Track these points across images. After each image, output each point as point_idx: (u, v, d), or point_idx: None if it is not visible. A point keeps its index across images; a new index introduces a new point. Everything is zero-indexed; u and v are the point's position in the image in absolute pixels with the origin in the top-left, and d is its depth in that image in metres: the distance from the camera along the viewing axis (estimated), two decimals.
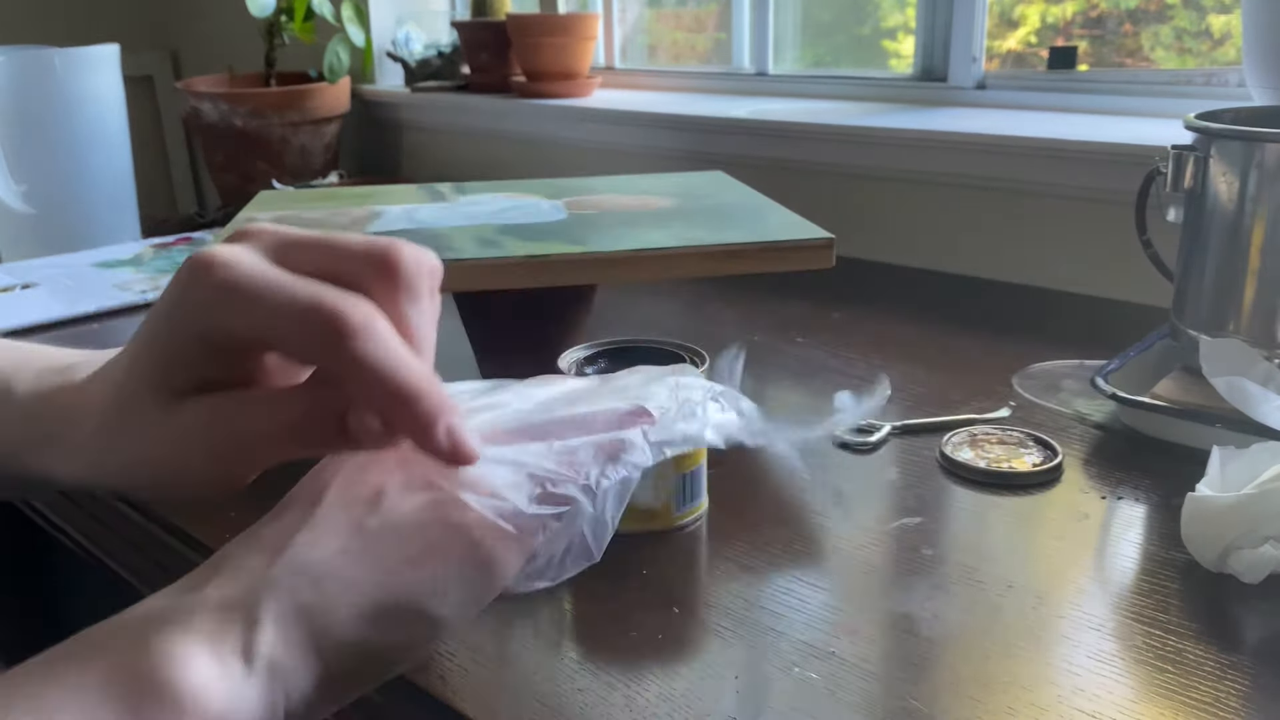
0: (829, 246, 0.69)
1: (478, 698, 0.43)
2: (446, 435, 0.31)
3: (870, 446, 0.64)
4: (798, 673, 0.43)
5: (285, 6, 1.56)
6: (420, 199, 0.85)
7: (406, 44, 1.68)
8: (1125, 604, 0.48)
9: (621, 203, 0.82)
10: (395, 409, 0.31)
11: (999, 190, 1.03)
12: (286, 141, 1.54)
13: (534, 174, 1.42)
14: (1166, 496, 0.57)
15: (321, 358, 0.32)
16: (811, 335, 0.85)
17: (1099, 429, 0.66)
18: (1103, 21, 1.16)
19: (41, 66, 1.31)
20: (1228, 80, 1.02)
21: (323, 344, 0.30)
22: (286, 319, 0.31)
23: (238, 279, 0.31)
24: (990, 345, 0.81)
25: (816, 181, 1.17)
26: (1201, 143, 0.64)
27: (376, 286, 0.32)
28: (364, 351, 0.30)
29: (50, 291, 1.03)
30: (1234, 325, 0.64)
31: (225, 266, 0.31)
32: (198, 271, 0.32)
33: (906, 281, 1.04)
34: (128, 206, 1.44)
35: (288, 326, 0.31)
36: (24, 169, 1.32)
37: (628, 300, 0.96)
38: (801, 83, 1.36)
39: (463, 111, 1.58)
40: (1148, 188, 0.70)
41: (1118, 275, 0.94)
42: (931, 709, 0.41)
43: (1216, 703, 0.41)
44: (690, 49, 1.59)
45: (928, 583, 0.50)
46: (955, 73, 1.20)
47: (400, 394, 0.30)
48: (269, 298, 0.31)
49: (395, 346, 0.31)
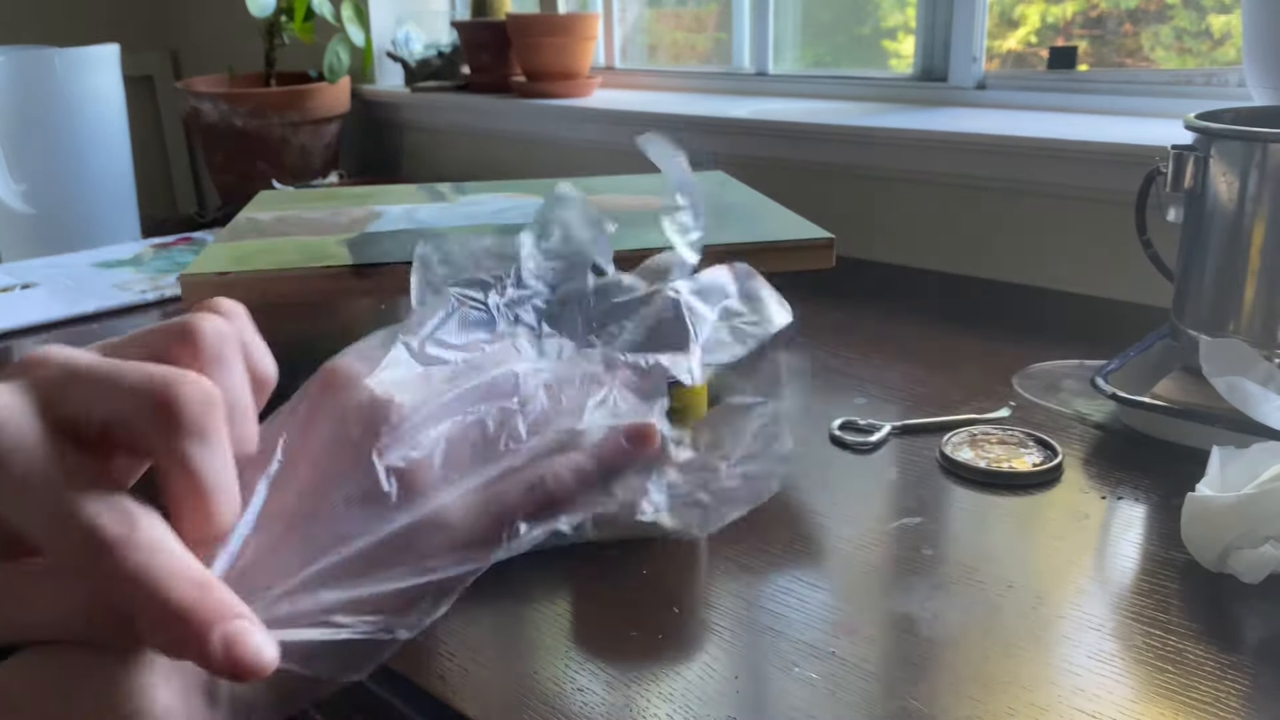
0: (829, 246, 0.69)
1: (478, 698, 0.43)
2: (223, 645, 0.26)
3: (870, 446, 0.64)
4: (798, 673, 0.43)
5: (285, 6, 1.56)
6: (420, 199, 0.85)
7: (406, 44, 1.68)
8: (1125, 604, 0.48)
9: (621, 203, 0.82)
10: (159, 631, 0.26)
11: (999, 190, 1.03)
12: (286, 141, 1.54)
13: (534, 174, 1.42)
14: (1166, 496, 0.57)
15: (89, 574, 0.27)
16: (811, 335, 0.85)
17: (1099, 429, 0.66)
18: (1103, 21, 1.16)
19: (41, 66, 1.32)
20: (1228, 80, 1.02)
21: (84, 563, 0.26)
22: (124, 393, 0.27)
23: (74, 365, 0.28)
24: (990, 345, 0.81)
25: (816, 181, 1.17)
26: (1201, 143, 0.64)
27: (153, 433, 0.27)
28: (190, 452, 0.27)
29: (50, 291, 1.03)
30: (1234, 325, 0.64)
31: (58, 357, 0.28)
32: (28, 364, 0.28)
33: (906, 281, 1.04)
34: (128, 206, 1.44)
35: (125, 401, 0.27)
36: (24, 169, 1.32)
37: None
38: (801, 83, 1.36)
39: (463, 111, 1.58)
40: (1148, 188, 0.70)
41: (1118, 275, 0.94)
42: (931, 709, 0.41)
43: (1216, 703, 0.41)
44: (690, 49, 1.59)
45: (928, 583, 0.50)
46: (955, 73, 1.20)
47: (164, 614, 0.26)
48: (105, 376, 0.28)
49: (161, 557, 0.26)
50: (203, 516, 0.28)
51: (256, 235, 0.73)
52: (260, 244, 0.70)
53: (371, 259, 0.65)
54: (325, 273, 0.64)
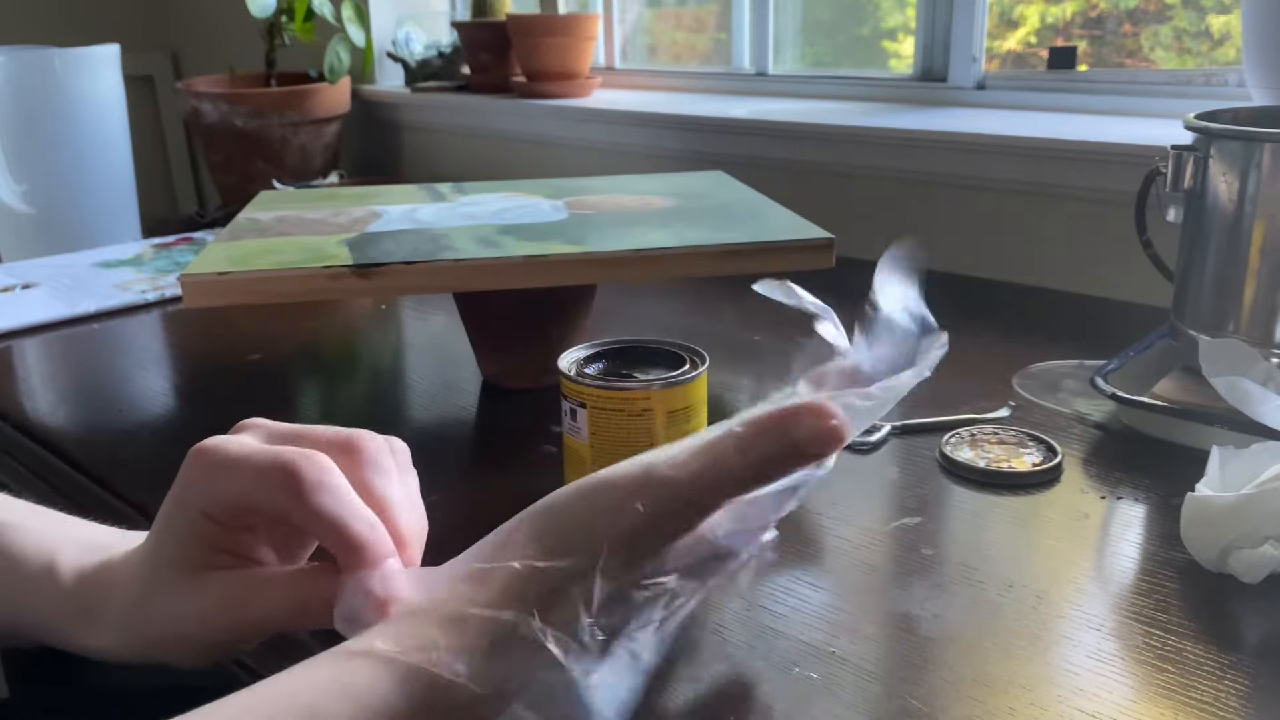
0: (829, 246, 0.69)
1: None
2: (381, 584, 0.36)
3: (870, 446, 0.64)
4: (798, 672, 0.43)
5: (285, 7, 1.56)
6: (420, 199, 0.85)
7: (407, 44, 1.68)
8: (1125, 604, 0.48)
9: (621, 203, 0.82)
10: (341, 554, 0.37)
11: (999, 190, 1.03)
12: (286, 141, 1.54)
13: (534, 174, 1.42)
14: (1166, 496, 0.57)
15: (286, 507, 0.37)
16: (811, 335, 0.85)
17: (1099, 429, 0.66)
18: (1102, 21, 1.16)
19: (41, 66, 1.32)
20: (1227, 80, 1.02)
21: (284, 494, 0.36)
22: (257, 477, 0.37)
23: (224, 455, 0.38)
24: (990, 345, 0.81)
25: (816, 181, 1.17)
26: (1201, 143, 0.64)
27: (341, 460, 0.38)
28: (316, 502, 0.36)
29: (50, 291, 1.03)
30: (1234, 325, 0.64)
31: (214, 449, 0.38)
32: (195, 456, 0.39)
33: None
34: (128, 206, 1.44)
35: (258, 483, 0.37)
36: (24, 169, 1.32)
37: (628, 300, 0.96)
38: (801, 83, 1.36)
39: (463, 111, 1.58)
40: (1148, 188, 0.71)
41: (1118, 275, 0.94)
42: (931, 709, 0.41)
43: (1216, 703, 0.41)
44: (690, 49, 1.59)
45: (928, 583, 0.50)
46: (955, 73, 1.20)
47: (345, 542, 0.36)
48: (245, 463, 0.37)
49: (346, 500, 0.37)
50: (350, 549, 0.36)
51: (257, 235, 0.73)
52: (260, 244, 0.71)
53: (372, 259, 0.65)
54: (325, 273, 0.64)
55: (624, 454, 0.54)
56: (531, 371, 0.74)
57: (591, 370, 0.56)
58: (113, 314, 0.98)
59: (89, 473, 0.65)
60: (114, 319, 0.97)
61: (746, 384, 0.76)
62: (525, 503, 0.38)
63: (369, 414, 0.74)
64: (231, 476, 0.38)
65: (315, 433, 0.40)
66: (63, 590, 0.42)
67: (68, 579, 0.43)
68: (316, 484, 0.36)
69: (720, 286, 0.99)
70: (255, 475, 0.37)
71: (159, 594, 0.40)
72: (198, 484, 0.39)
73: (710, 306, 0.95)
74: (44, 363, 0.87)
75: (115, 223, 1.40)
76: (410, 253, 0.67)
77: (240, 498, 0.38)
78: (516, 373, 0.75)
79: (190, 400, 0.78)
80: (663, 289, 1.00)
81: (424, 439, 0.68)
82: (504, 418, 0.72)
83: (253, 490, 0.37)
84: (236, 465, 0.38)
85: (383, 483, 0.39)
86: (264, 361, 0.83)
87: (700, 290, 0.99)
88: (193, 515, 0.39)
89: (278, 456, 0.37)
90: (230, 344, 0.88)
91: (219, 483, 0.38)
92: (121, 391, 0.79)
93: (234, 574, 0.39)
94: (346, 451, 0.39)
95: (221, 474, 0.38)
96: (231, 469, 0.38)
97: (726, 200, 0.83)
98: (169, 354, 0.89)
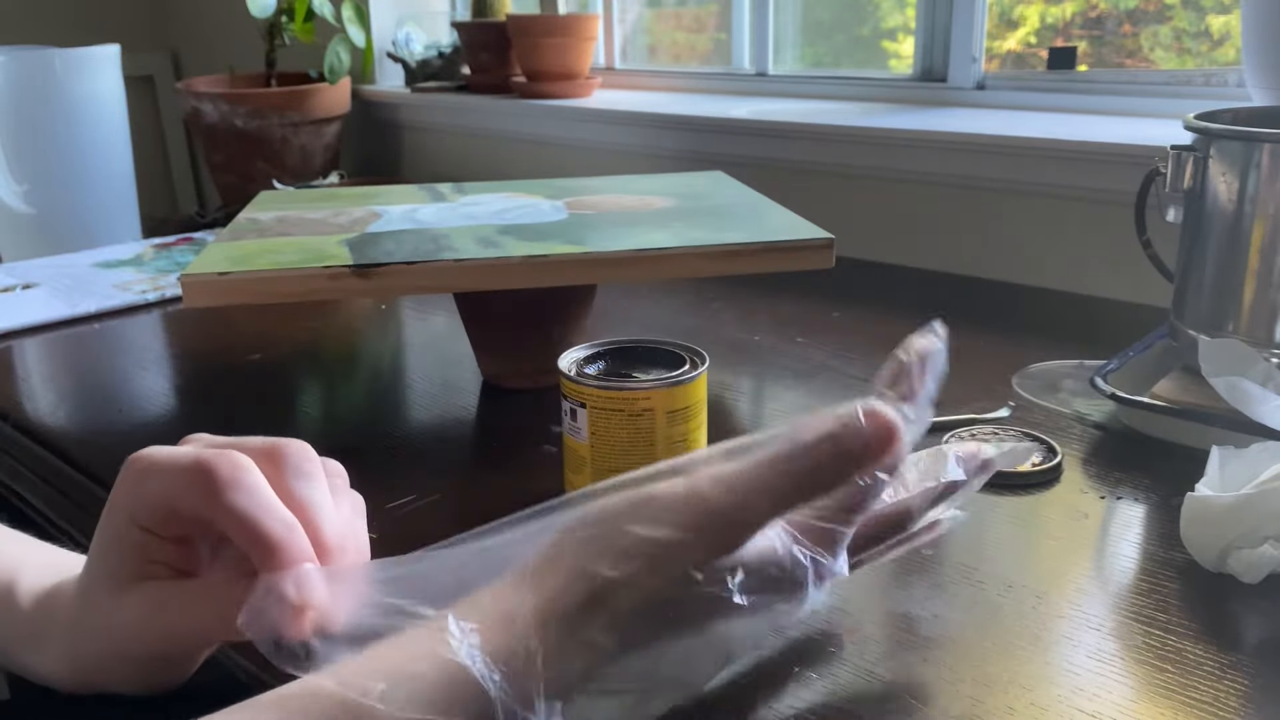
0: (829, 246, 0.69)
1: None
2: (295, 587, 0.35)
3: None
4: (797, 672, 0.43)
5: (285, 7, 1.56)
6: (420, 199, 0.85)
7: (407, 44, 1.68)
8: (1125, 604, 0.48)
9: (621, 203, 0.82)
10: (255, 554, 0.36)
11: (999, 190, 1.03)
12: (287, 142, 1.54)
13: (534, 174, 1.42)
14: (1166, 496, 0.57)
15: (201, 506, 0.37)
16: (811, 335, 0.85)
17: (1099, 429, 0.66)
18: (1102, 22, 1.16)
19: (41, 66, 1.32)
20: (1227, 80, 1.02)
21: (200, 493, 0.37)
22: (175, 477, 0.37)
23: (149, 461, 0.38)
24: (990, 345, 0.81)
25: (816, 181, 1.17)
26: (1201, 143, 0.64)
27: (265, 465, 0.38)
28: (229, 499, 0.36)
29: (50, 291, 1.03)
30: (1234, 325, 0.64)
31: (142, 456, 0.39)
32: (125, 466, 0.39)
33: (906, 281, 1.05)
34: (128, 206, 1.44)
35: (176, 483, 0.37)
36: (24, 169, 1.32)
37: (628, 300, 0.97)
38: (801, 83, 1.36)
39: (463, 112, 1.58)
40: (1147, 188, 0.71)
41: (1118, 275, 0.94)
42: (931, 709, 0.41)
43: (1216, 702, 0.41)
44: (690, 49, 1.59)
45: (928, 583, 0.50)
46: (955, 73, 1.20)
47: (258, 540, 0.36)
48: (167, 466, 0.38)
49: (261, 499, 0.37)
50: (264, 550, 0.36)
51: (257, 235, 0.73)
52: (261, 244, 0.71)
53: (372, 259, 0.65)
54: (325, 273, 0.64)
55: (624, 454, 0.54)
56: (531, 371, 0.74)
57: (591, 370, 0.56)
58: (113, 314, 0.98)
59: (89, 473, 0.65)
60: (114, 319, 0.97)
61: (746, 384, 0.76)
62: (526, 503, 0.38)
63: (369, 414, 0.74)
64: (153, 479, 0.38)
65: (246, 442, 0.40)
66: (18, 613, 0.42)
67: (25, 602, 0.42)
68: (230, 481, 0.36)
69: (720, 286, 1.00)
70: (174, 476, 0.37)
71: (93, 608, 0.40)
72: (126, 492, 0.39)
73: (710, 306, 0.95)
74: (44, 363, 0.87)
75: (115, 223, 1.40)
76: (410, 253, 0.67)
77: (160, 499, 0.38)
78: (516, 373, 0.75)
79: (190, 400, 0.78)
80: (663, 289, 1.00)
81: (424, 439, 0.69)
82: (504, 418, 0.72)
83: (171, 490, 0.37)
84: (159, 468, 0.38)
85: (304, 486, 0.39)
86: (264, 361, 0.83)
87: (700, 290, 0.99)
88: (122, 524, 0.39)
89: (196, 457, 0.37)
90: (230, 344, 0.88)
91: (142, 487, 0.38)
92: (121, 391, 0.79)
93: (162, 583, 0.39)
94: (270, 457, 0.39)
95: (145, 478, 0.38)
96: (155, 473, 0.38)
97: (726, 200, 0.83)
98: (169, 354, 0.89)
